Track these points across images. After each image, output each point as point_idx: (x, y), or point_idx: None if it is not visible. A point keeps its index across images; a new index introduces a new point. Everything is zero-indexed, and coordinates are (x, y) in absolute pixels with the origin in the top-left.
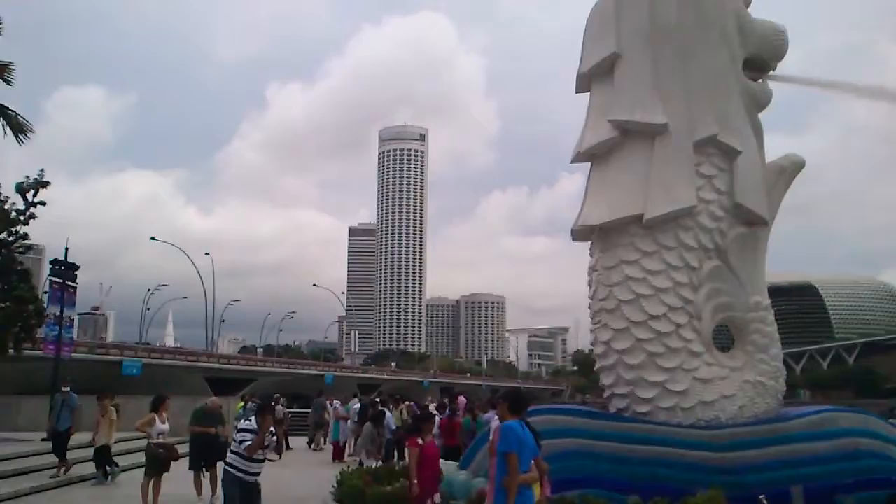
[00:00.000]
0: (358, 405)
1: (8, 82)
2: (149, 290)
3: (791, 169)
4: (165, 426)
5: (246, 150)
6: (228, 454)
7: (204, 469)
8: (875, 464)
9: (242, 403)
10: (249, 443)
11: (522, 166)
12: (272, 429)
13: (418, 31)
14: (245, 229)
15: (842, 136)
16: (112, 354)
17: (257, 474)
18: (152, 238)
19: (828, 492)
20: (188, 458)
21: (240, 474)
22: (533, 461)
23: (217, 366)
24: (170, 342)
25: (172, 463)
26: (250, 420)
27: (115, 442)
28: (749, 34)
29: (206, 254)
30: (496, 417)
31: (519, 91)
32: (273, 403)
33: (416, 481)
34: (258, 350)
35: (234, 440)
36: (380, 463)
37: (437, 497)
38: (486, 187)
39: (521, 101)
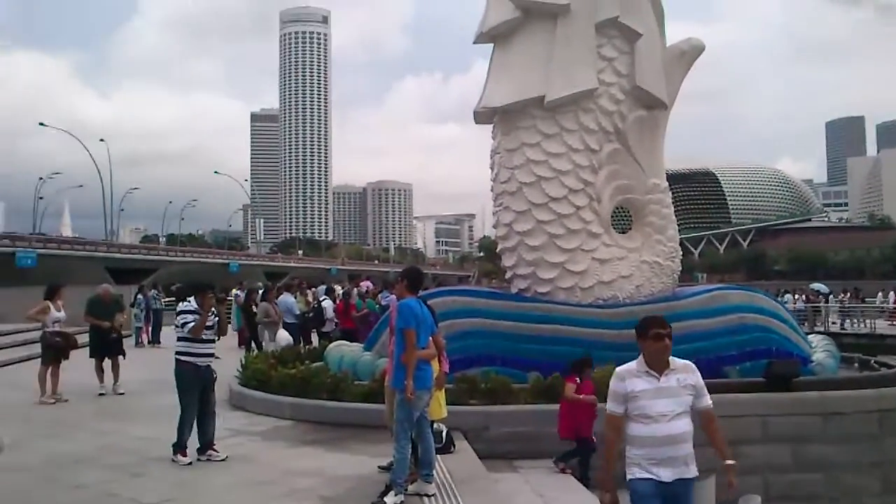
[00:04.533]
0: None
1: None
2: (41, 178)
3: (691, 53)
4: (61, 314)
5: (146, 29)
6: (176, 344)
7: (105, 358)
8: (758, 336)
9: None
10: (193, 324)
11: (437, 52)
12: (214, 309)
13: None
14: (145, 116)
15: (749, 27)
16: (3, 245)
17: (210, 356)
18: (41, 124)
19: (716, 364)
20: (88, 347)
21: (192, 359)
22: (431, 338)
23: (118, 255)
24: (67, 233)
25: (72, 352)
26: (189, 301)
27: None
28: None
29: (101, 140)
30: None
31: None
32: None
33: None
34: (161, 239)
35: (176, 325)
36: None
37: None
38: (398, 73)
39: None
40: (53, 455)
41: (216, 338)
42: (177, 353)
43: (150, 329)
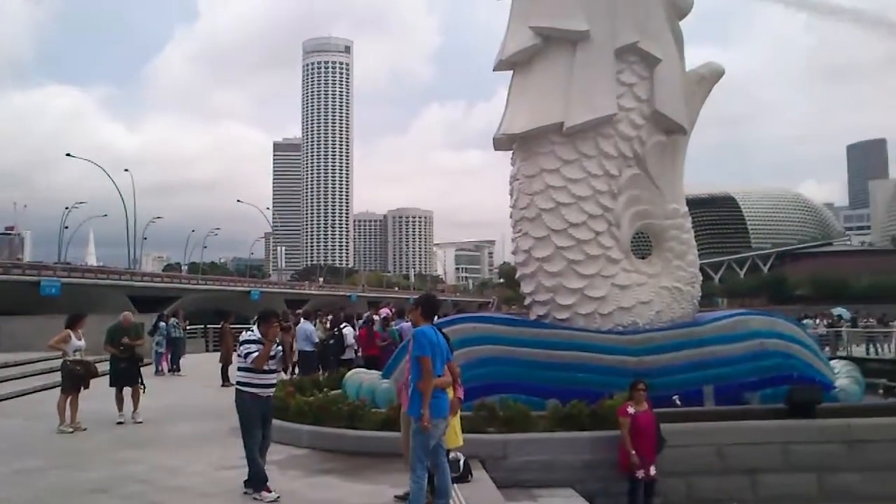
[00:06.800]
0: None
1: None
2: (66, 208)
3: (710, 77)
4: (82, 343)
5: (175, 62)
6: (237, 373)
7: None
8: (779, 362)
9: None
10: (256, 354)
11: (461, 81)
12: (277, 338)
13: None
14: (173, 146)
15: (771, 51)
16: (28, 274)
17: (272, 387)
18: (68, 154)
19: (736, 390)
20: (108, 375)
21: (255, 390)
22: (446, 365)
23: (140, 284)
24: (91, 261)
25: (94, 381)
26: (252, 330)
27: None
28: None
29: (126, 170)
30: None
31: (461, 5)
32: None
33: (633, 451)
34: (183, 268)
35: (239, 356)
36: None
37: (653, 470)
38: (423, 101)
39: (464, 15)
40: (68, 484)
41: (281, 368)
42: (238, 382)
43: (169, 357)
